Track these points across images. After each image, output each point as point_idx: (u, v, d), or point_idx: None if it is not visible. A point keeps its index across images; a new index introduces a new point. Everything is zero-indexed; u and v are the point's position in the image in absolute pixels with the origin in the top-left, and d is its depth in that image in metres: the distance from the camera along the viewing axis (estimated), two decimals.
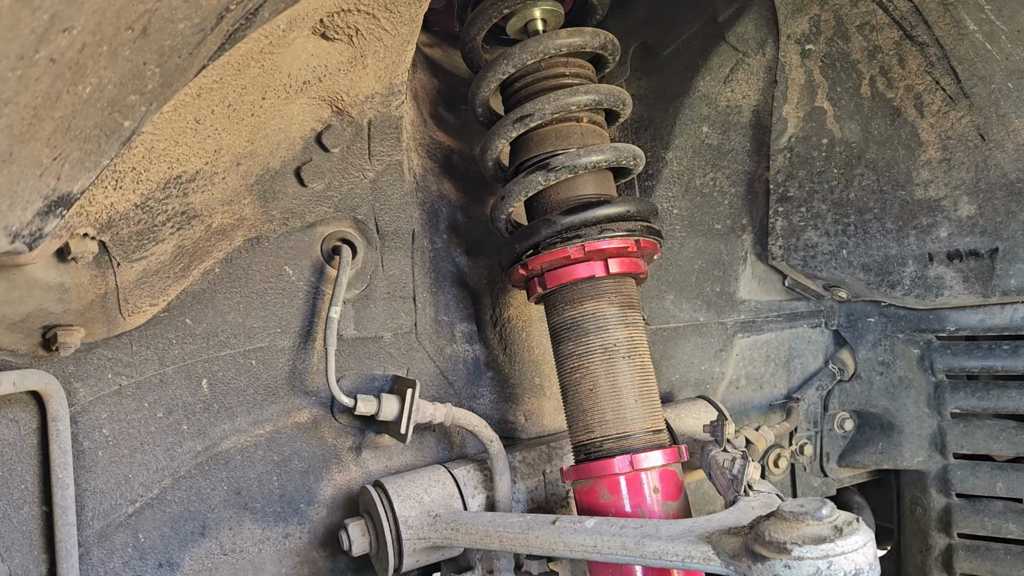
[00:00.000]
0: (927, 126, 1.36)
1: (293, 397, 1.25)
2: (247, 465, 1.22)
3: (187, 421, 1.17)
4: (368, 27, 1.07)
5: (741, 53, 1.45)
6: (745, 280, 1.67)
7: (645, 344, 1.23)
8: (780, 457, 1.66)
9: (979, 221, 1.37)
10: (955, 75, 1.30)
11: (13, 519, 1.05)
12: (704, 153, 1.56)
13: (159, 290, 1.07)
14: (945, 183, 1.38)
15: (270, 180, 1.14)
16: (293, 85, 1.06)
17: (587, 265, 1.21)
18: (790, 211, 1.54)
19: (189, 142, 0.96)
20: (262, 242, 1.20)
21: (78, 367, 1.08)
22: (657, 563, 0.95)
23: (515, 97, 1.28)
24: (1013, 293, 1.39)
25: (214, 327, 1.18)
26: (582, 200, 1.23)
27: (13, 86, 0.54)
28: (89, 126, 0.66)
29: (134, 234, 0.97)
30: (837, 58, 1.39)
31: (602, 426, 1.19)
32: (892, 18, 1.31)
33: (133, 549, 1.13)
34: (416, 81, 1.44)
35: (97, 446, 1.10)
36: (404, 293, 1.34)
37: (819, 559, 0.80)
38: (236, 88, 0.97)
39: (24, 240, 0.68)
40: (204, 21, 0.68)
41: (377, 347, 1.33)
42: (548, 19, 1.29)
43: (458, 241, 1.46)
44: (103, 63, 0.60)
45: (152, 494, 1.14)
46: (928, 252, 1.44)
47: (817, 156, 1.48)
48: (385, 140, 1.22)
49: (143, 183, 0.94)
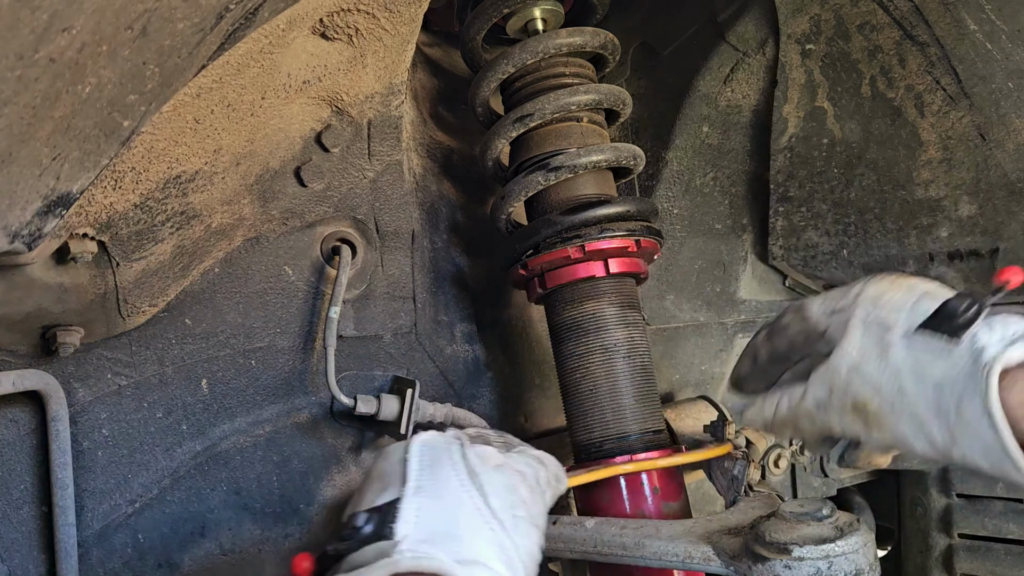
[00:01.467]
0: (927, 126, 1.36)
1: (293, 397, 1.25)
2: (247, 465, 1.22)
3: (187, 421, 1.16)
4: (368, 27, 1.07)
5: (741, 53, 1.45)
6: (745, 280, 1.67)
7: (645, 344, 1.23)
8: (780, 457, 1.65)
9: (979, 221, 1.37)
10: (955, 75, 1.30)
11: (13, 519, 1.05)
12: (704, 153, 1.56)
13: (158, 290, 1.07)
14: (945, 183, 1.38)
15: (270, 180, 1.14)
16: (293, 85, 1.06)
17: (587, 265, 1.21)
18: (790, 211, 1.54)
19: (188, 142, 0.96)
20: (262, 242, 1.20)
21: (78, 367, 1.08)
22: (657, 563, 0.95)
23: (515, 97, 1.28)
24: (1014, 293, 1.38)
25: (214, 327, 1.18)
26: (582, 200, 1.22)
27: (13, 86, 0.53)
28: (89, 126, 0.66)
29: (133, 234, 0.97)
30: (837, 58, 1.39)
31: (602, 426, 1.19)
32: (892, 18, 1.31)
33: (133, 549, 1.13)
34: (416, 81, 1.44)
35: (97, 446, 1.10)
36: (404, 293, 1.33)
37: (819, 559, 0.80)
38: (236, 88, 0.97)
39: (23, 240, 0.68)
40: (204, 21, 0.68)
41: (377, 347, 1.32)
42: (548, 19, 1.29)
43: (458, 241, 1.45)
44: (103, 63, 0.60)
45: (152, 494, 1.14)
46: (929, 252, 1.44)
47: (817, 156, 1.48)
48: (385, 140, 1.22)
49: (142, 183, 0.94)
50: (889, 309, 0.83)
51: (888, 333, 0.81)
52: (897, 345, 0.80)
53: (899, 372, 0.80)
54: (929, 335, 0.78)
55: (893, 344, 0.81)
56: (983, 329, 0.76)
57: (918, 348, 0.79)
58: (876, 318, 0.83)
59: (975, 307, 0.77)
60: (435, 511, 0.75)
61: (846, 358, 0.84)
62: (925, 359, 0.78)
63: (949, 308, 0.78)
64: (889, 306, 0.84)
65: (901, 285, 0.86)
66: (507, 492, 0.79)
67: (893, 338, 0.81)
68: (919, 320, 0.80)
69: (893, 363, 0.80)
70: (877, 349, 0.82)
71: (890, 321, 0.82)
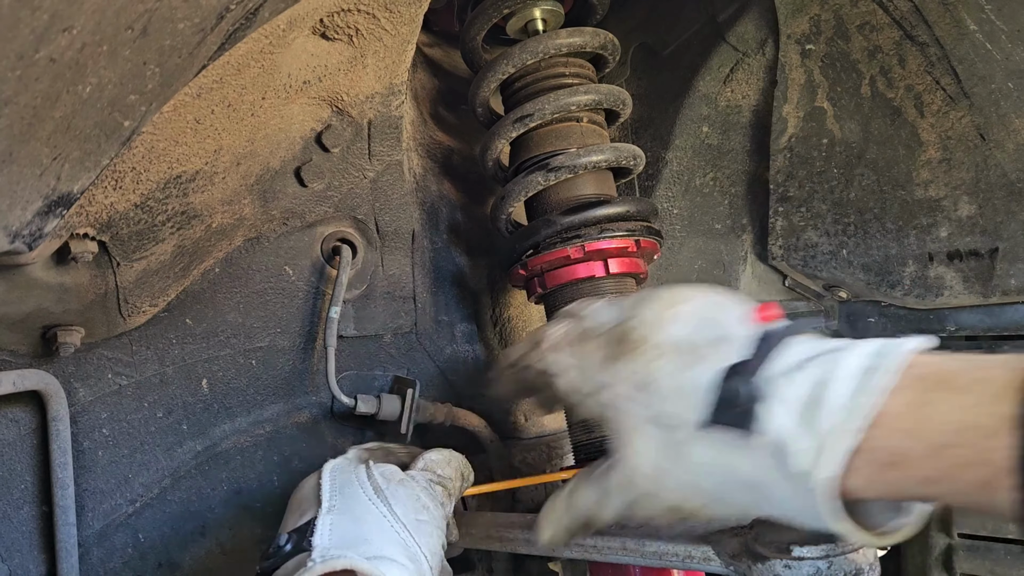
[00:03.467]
0: (927, 126, 1.36)
1: (293, 397, 1.25)
2: (247, 465, 1.22)
3: (187, 421, 1.16)
4: (368, 27, 1.07)
5: (741, 53, 1.45)
6: (745, 280, 1.67)
7: None
8: None
9: (979, 221, 1.37)
10: (955, 75, 1.30)
11: (13, 519, 1.05)
12: (704, 153, 1.56)
13: (159, 290, 1.07)
14: (945, 183, 1.38)
15: (270, 180, 1.14)
16: (293, 85, 1.06)
17: (587, 265, 1.21)
18: (790, 211, 1.54)
19: (189, 142, 0.96)
20: (262, 242, 1.20)
21: (78, 367, 1.08)
22: (657, 563, 0.95)
23: (515, 97, 1.28)
24: (1013, 293, 1.39)
25: (214, 327, 1.18)
26: (582, 200, 1.22)
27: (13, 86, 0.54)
28: (89, 126, 0.66)
29: (134, 234, 0.97)
30: (837, 58, 1.39)
31: (601, 426, 1.18)
32: (892, 18, 1.31)
33: (133, 549, 1.13)
34: (416, 81, 1.44)
35: (97, 446, 1.10)
36: (404, 293, 1.33)
37: (819, 559, 0.80)
38: (236, 88, 0.97)
39: (24, 240, 0.68)
40: (204, 21, 0.68)
41: (377, 347, 1.32)
42: (548, 19, 1.29)
43: (458, 241, 1.46)
44: (103, 63, 0.60)
45: (152, 494, 1.14)
46: (928, 252, 1.44)
47: (817, 156, 1.48)
48: (385, 140, 1.22)
49: (143, 183, 0.94)
50: (664, 399, 0.70)
51: (677, 432, 0.69)
52: (692, 443, 0.68)
53: (706, 473, 0.69)
54: (721, 430, 0.66)
55: (687, 443, 0.69)
56: (773, 405, 0.64)
57: (716, 443, 0.67)
58: (654, 417, 0.71)
59: (752, 387, 0.65)
60: (346, 523, 0.85)
61: (638, 472, 0.73)
62: (727, 455, 0.67)
63: (727, 395, 0.66)
64: (662, 395, 0.70)
65: (664, 351, 0.71)
66: (410, 500, 0.90)
67: (685, 437, 0.69)
68: (702, 412, 0.68)
69: (697, 464, 0.69)
70: (672, 453, 0.70)
71: (673, 419, 0.69)
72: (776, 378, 0.65)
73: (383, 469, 0.94)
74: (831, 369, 0.63)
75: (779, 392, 0.64)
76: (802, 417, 0.62)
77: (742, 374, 0.66)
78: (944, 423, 0.57)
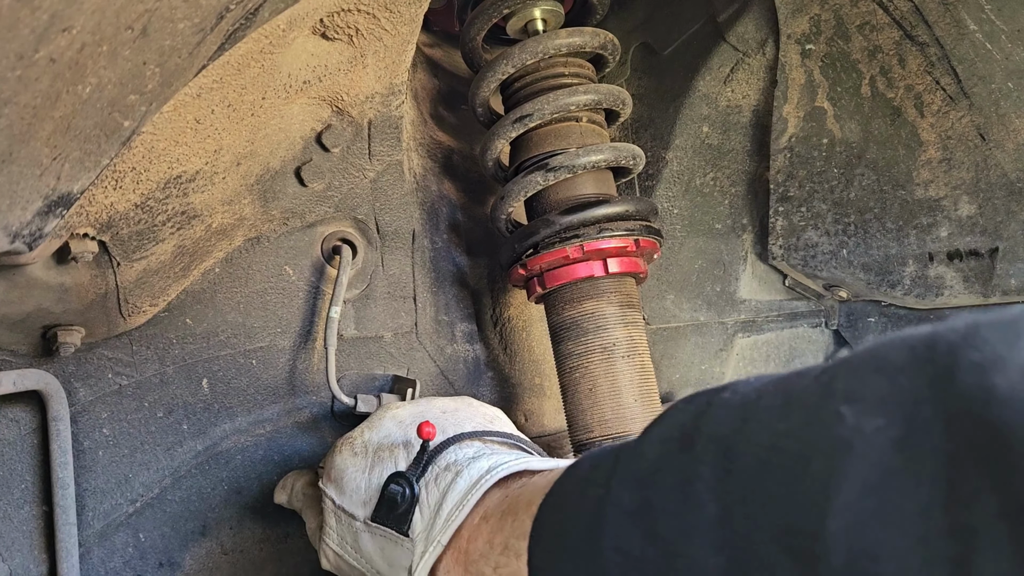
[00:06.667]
0: (927, 126, 1.36)
1: (293, 397, 1.25)
2: (248, 465, 1.22)
3: (187, 421, 1.17)
4: (368, 27, 1.07)
5: (741, 53, 1.45)
6: (745, 280, 1.67)
7: (645, 344, 1.23)
8: None
9: (979, 221, 1.37)
10: (955, 75, 1.30)
11: (13, 519, 1.05)
12: (704, 153, 1.56)
13: (159, 290, 1.07)
14: (945, 183, 1.38)
15: (270, 180, 1.14)
16: (293, 85, 1.06)
17: (586, 265, 1.21)
18: (790, 211, 1.54)
19: (189, 142, 0.96)
20: (262, 242, 1.20)
21: (78, 367, 1.08)
22: None
23: (515, 97, 1.28)
24: (1013, 293, 1.39)
25: (214, 327, 1.18)
26: (581, 200, 1.23)
27: (13, 86, 0.54)
28: (89, 126, 0.66)
29: (134, 234, 0.97)
30: (837, 58, 1.39)
31: (601, 426, 1.19)
32: (892, 18, 1.31)
33: (134, 549, 1.13)
34: (416, 81, 1.44)
35: (97, 446, 1.10)
36: (404, 293, 1.34)
37: None
38: (236, 88, 0.97)
39: (24, 240, 0.68)
40: (204, 21, 0.68)
41: (377, 347, 1.33)
42: (548, 19, 1.29)
43: (458, 241, 1.46)
44: (103, 63, 0.60)
45: (153, 494, 1.14)
46: (928, 252, 1.44)
47: (817, 156, 1.48)
48: (385, 140, 1.22)
49: (143, 183, 0.94)
50: (343, 494, 0.89)
51: (354, 522, 0.86)
52: (363, 533, 0.85)
53: (373, 559, 0.84)
54: (383, 527, 0.82)
55: (361, 532, 0.85)
56: (416, 512, 0.80)
57: (379, 536, 0.83)
58: (340, 508, 0.88)
59: (407, 495, 0.80)
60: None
61: (328, 549, 0.90)
62: (389, 548, 0.82)
63: (389, 497, 0.82)
64: (345, 491, 0.88)
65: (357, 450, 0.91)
66: None
67: (359, 526, 0.86)
68: (369, 511, 0.85)
69: (366, 551, 0.85)
70: (350, 537, 0.87)
71: (353, 512, 0.87)
72: (428, 483, 0.81)
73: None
74: (453, 481, 0.79)
75: (422, 498, 0.80)
76: (427, 523, 0.78)
77: (399, 484, 0.81)
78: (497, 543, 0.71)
